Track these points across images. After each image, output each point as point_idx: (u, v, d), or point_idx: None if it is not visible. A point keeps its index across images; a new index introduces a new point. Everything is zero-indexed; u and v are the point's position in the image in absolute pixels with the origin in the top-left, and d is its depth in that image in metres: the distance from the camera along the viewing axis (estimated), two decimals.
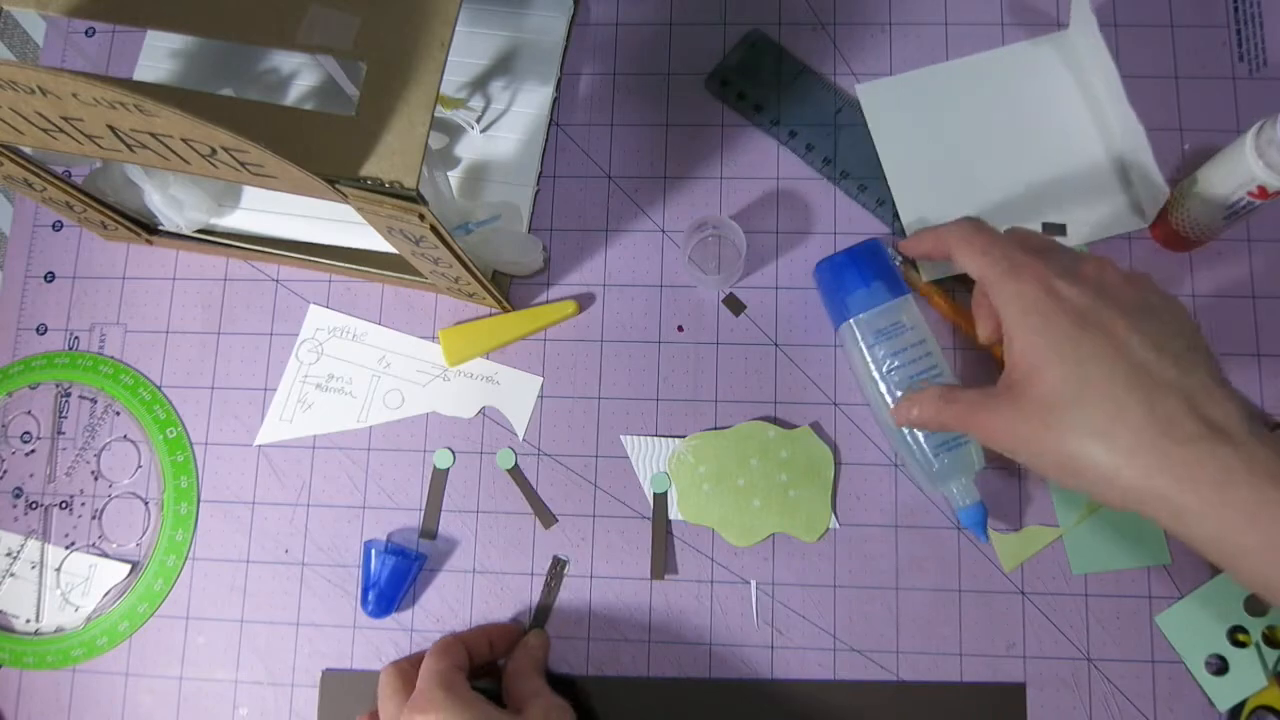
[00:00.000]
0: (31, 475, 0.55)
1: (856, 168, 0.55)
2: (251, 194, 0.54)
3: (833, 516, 0.51)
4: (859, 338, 0.49)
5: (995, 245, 0.42)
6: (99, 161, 0.53)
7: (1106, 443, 0.36)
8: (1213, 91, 0.55)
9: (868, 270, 0.50)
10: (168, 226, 0.54)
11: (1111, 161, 0.54)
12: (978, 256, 0.42)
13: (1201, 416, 0.36)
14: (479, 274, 0.48)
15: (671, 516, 0.52)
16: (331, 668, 0.52)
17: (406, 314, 0.56)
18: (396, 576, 0.51)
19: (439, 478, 0.53)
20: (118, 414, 0.56)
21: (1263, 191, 0.45)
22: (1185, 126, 0.54)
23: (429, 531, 0.53)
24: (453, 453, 0.54)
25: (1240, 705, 0.47)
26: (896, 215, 0.54)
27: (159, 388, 0.56)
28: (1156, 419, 0.36)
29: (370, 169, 0.37)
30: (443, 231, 0.41)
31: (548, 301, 0.55)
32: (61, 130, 0.38)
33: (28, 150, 0.46)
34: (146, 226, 0.55)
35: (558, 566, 0.51)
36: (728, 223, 0.52)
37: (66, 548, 0.54)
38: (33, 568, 0.54)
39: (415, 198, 0.37)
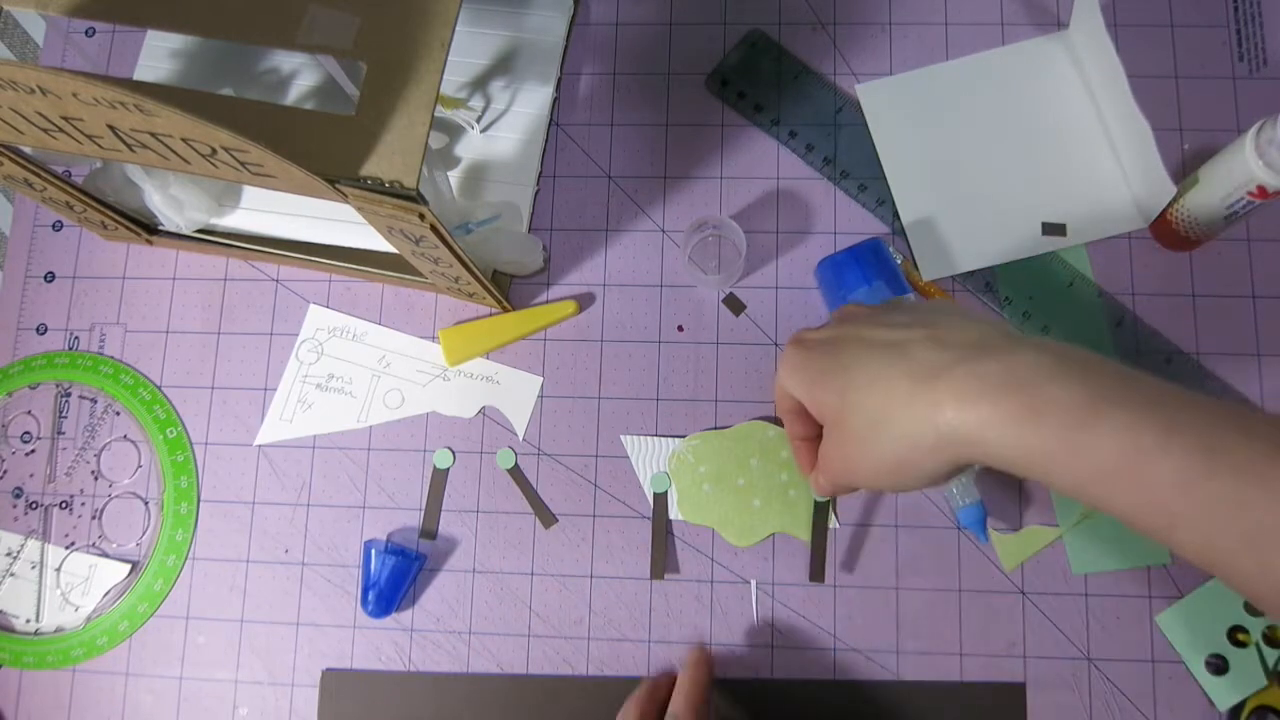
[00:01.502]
0: (31, 475, 0.55)
1: (856, 168, 0.55)
2: (251, 194, 0.54)
3: (833, 516, 0.51)
4: None
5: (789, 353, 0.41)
6: (99, 161, 0.53)
7: (890, 421, 0.35)
8: (1213, 91, 0.55)
9: (869, 269, 0.50)
10: (168, 226, 0.54)
11: (1112, 161, 0.54)
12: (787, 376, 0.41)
13: (954, 343, 0.35)
14: (479, 274, 0.48)
15: (671, 516, 0.52)
16: (331, 668, 0.52)
17: (406, 314, 0.56)
18: (396, 576, 0.51)
19: (439, 478, 0.53)
20: (118, 414, 0.56)
21: (1263, 191, 0.45)
22: (1185, 126, 0.54)
23: (429, 531, 0.53)
24: (453, 452, 0.54)
25: (1240, 705, 0.47)
26: (896, 215, 0.54)
27: (159, 388, 0.56)
28: (914, 372, 0.35)
29: (370, 169, 0.37)
30: (443, 231, 0.41)
31: (548, 301, 0.55)
32: (61, 130, 0.38)
33: (28, 150, 0.46)
34: (146, 226, 0.55)
35: None
36: (728, 223, 0.52)
37: (66, 548, 0.54)
38: (33, 568, 0.54)
39: (415, 197, 0.37)
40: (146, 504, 0.54)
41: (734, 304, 0.54)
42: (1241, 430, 0.30)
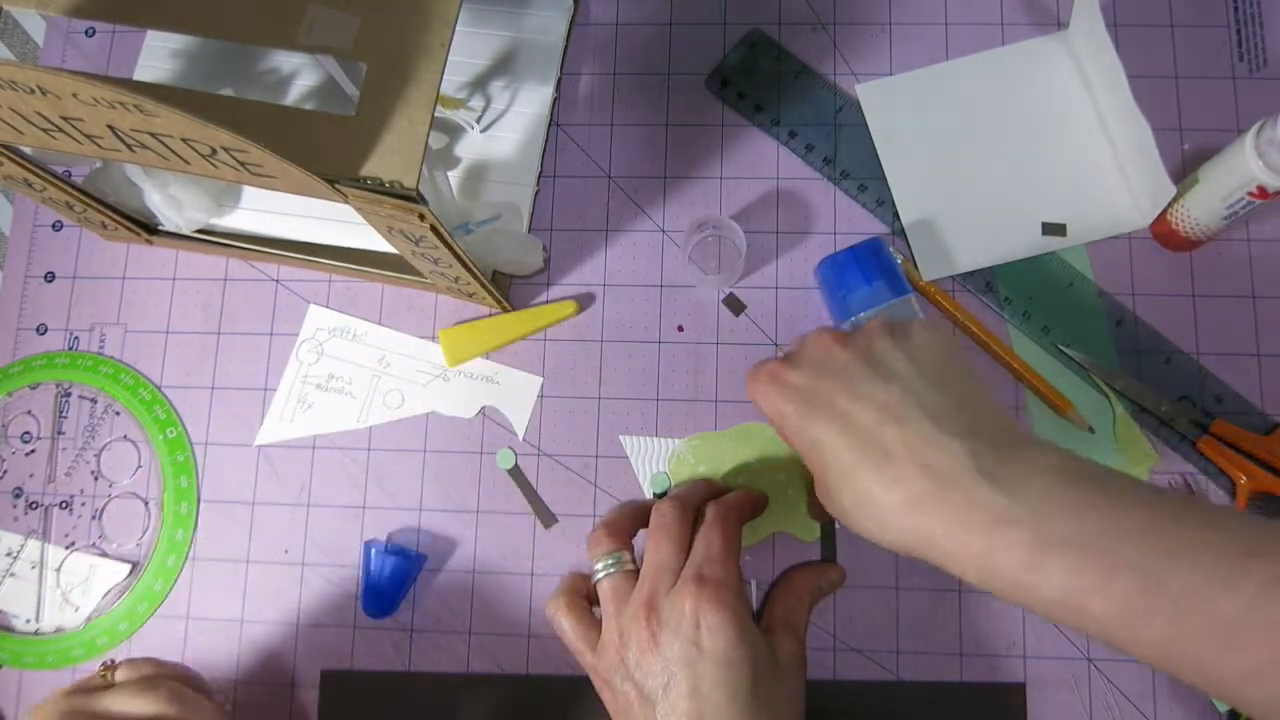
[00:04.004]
0: (31, 475, 0.55)
1: (856, 168, 0.55)
2: (251, 194, 0.54)
3: None
4: None
5: (763, 372, 0.42)
6: (99, 161, 0.53)
7: (866, 516, 0.37)
8: (1213, 91, 0.55)
9: (870, 269, 0.50)
10: (168, 226, 0.54)
11: (1112, 161, 0.54)
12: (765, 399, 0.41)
13: (924, 468, 0.35)
14: (479, 274, 0.48)
15: None
16: (331, 668, 0.52)
17: (406, 314, 0.56)
18: (396, 576, 0.51)
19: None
20: (118, 414, 0.56)
21: (1263, 191, 0.45)
22: (1185, 126, 0.54)
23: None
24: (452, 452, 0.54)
25: None
26: (896, 215, 0.54)
27: (159, 388, 0.56)
28: (886, 483, 0.36)
29: (370, 169, 0.37)
30: (443, 231, 0.41)
31: (548, 301, 0.55)
32: (61, 130, 0.38)
33: (28, 150, 0.46)
34: (146, 226, 0.55)
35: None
36: (728, 223, 0.52)
37: (66, 548, 0.54)
38: (33, 568, 0.54)
39: (415, 197, 0.37)
40: (146, 504, 0.54)
41: (734, 304, 0.54)
42: (1188, 558, 0.31)
